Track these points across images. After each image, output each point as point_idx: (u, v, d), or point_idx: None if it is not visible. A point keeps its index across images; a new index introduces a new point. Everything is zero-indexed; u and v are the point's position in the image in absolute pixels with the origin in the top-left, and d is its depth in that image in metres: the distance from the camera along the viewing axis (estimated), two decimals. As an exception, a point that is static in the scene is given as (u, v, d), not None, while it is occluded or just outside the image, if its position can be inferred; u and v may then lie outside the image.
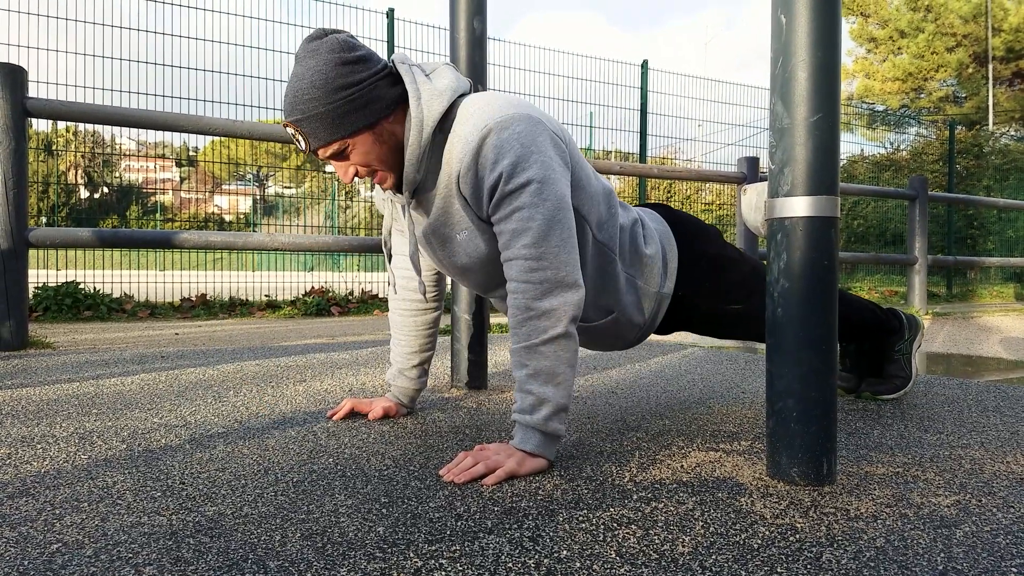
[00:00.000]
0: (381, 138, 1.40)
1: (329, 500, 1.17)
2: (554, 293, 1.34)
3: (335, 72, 1.33)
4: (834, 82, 1.23)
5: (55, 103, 3.30)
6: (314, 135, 1.36)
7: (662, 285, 1.66)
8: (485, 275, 1.55)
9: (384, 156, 1.42)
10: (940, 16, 19.40)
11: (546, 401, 1.33)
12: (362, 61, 1.36)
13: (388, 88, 1.38)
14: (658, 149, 9.42)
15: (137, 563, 0.92)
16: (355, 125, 1.36)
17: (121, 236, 3.56)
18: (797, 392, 1.24)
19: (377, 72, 1.37)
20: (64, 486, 1.24)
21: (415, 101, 1.37)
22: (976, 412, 1.95)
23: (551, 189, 1.35)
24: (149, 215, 12.25)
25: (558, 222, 1.35)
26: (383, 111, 1.38)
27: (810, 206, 1.22)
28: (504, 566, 0.92)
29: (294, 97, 1.35)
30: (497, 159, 1.33)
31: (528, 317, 1.34)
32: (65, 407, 1.92)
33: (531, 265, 1.34)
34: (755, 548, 0.98)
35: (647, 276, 1.63)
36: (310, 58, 1.35)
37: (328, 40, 1.36)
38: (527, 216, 1.33)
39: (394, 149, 1.43)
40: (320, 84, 1.33)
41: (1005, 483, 1.29)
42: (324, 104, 1.33)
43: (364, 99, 1.35)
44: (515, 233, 1.35)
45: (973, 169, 12.85)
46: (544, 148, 1.36)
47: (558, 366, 1.34)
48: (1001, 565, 0.94)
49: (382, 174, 1.45)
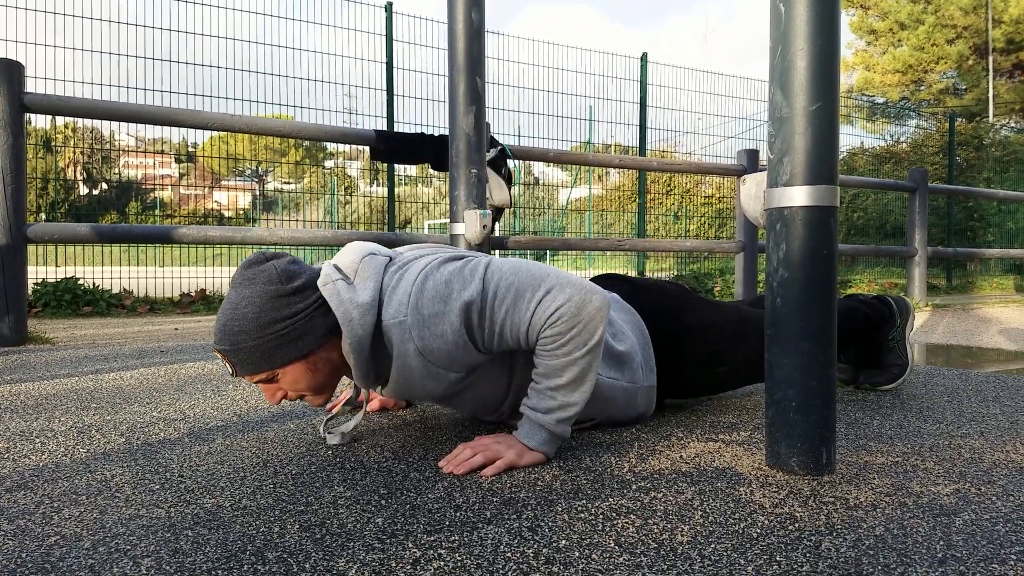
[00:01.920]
0: (314, 367, 1.35)
1: (328, 492, 1.17)
2: (588, 300, 1.30)
3: (269, 305, 1.28)
4: (833, 71, 1.23)
5: (53, 98, 3.30)
6: (241, 365, 1.31)
7: (646, 378, 1.60)
8: (469, 411, 1.56)
9: (314, 382, 1.37)
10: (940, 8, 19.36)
11: (567, 406, 1.33)
12: (300, 292, 1.31)
13: (323, 317, 1.32)
14: (658, 143, 9.41)
15: (135, 555, 0.92)
16: (285, 358, 1.31)
17: (119, 231, 3.56)
18: (796, 382, 1.23)
19: (314, 303, 1.32)
20: (62, 479, 1.24)
21: (347, 326, 1.29)
22: (976, 402, 1.95)
23: (496, 263, 1.34)
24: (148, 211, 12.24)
25: (529, 265, 1.34)
26: (316, 342, 1.32)
27: (809, 195, 1.22)
28: (503, 556, 0.92)
29: (224, 326, 1.30)
30: (446, 303, 1.28)
31: (572, 336, 1.29)
32: (64, 402, 1.92)
33: (550, 299, 1.29)
34: (754, 537, 0.98)
35: (630, 373, 1.57)
36: (245, 287, 1.30)
37: (266, 269, 1.31)
38: (505, 288, 1.30)
39: (327, 373, 1.37)
40: (252, 317, 1.28)
41: (1004, 472, 1.29)
42: (254, 338, 1.28)
43: (297, 332, 1.30)
44: (512, 308, 1.29)
45: (973, 161, 12.83)
46: (464, 261, 1.36)
47: (588, 373, 1.33)
48: (1000, 553, 0.94)
49: (310, 398, 1.41)
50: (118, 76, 6.10)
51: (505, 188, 4.13)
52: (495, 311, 1.29)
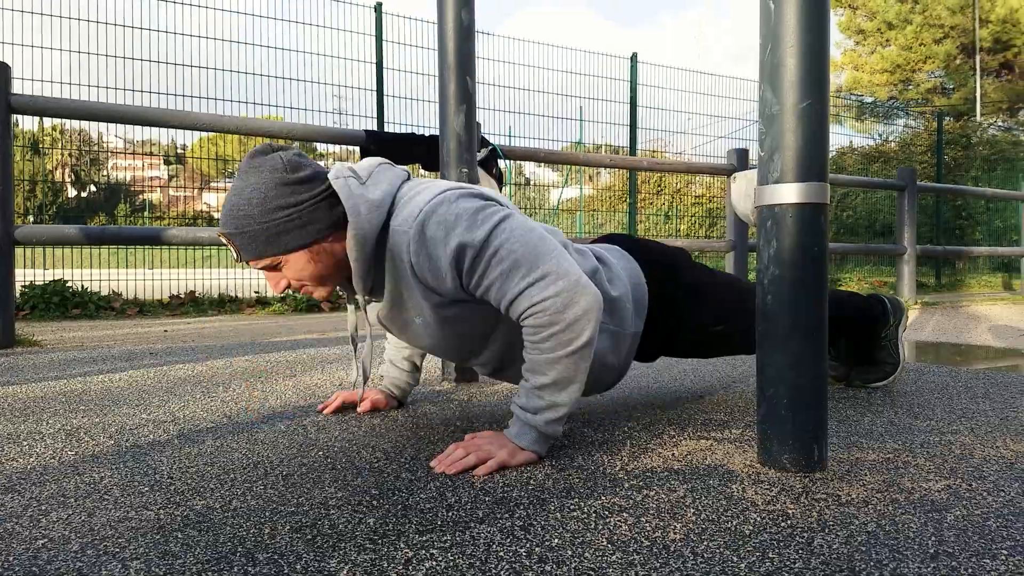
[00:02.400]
0: (316, 257, 1.37)
1: (319, 493, 1.16)
2: (575, 301, 1.28)
3: (275, 192, 1.31)
4: (823, 68, 1.23)
5: (40, 99, 3.27)
6: (245, 249, 1.34)
7: (633, 324, 1.60)
8: (453, 351, 1.53)
9: (317, 273, 1.39)
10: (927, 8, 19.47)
11: (555, 406, 1.32)
12: (306, 182, 1.33)
13: (328, 210, 1.35)
14: (648, 143, 9.43)
15: (124, 557, 0.91)
16: (289, 245, 1.33)
17: (108, 233, 3.54)
18: (788, 379, 1.24)
19: (319, 194, 1.34)
20: (50, 482, 1.23)
21: (354, 218, 1.33)
22: (966, 399, 1.96)
23: (512, 222, 1.32)
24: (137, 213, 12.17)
25: (539, 238, 1.32)
26: (320, 233, 1.35)
27: (800, 193, 1.22)
28: (495, 555, 0.91)
29: (230, 210, 1.32)
30: (448, 232, 1.30)
31: (553, 333, 1.28)
32: (52, 404, 1.90)
33: (540, 286, 1.28)
34: (747, 534, 0.98)
35: (619, 319, 1.57)
36: (252, 174, 1.32)
37: (272, 158, 1.33)
38: (506, 253, 1.29)
39: (330, 266, 1.40)
40: (258, 202, 1.31)
41: (995, 468, 1.30)
42: (259, 222, 1.31)
43: (302, 221, 1.33)
44: (504, 275, 1.29)
45: (961, 160, 12.91)
46: (485, 206, 1.34)
47: (576, 375, 1.32)
48: (992, 548, 0.94)
49: (311, 290, 1.43)
50: (106, 77, 6.07)
51: (496, 188, 4.13)
52: (488, 268, 1.30)
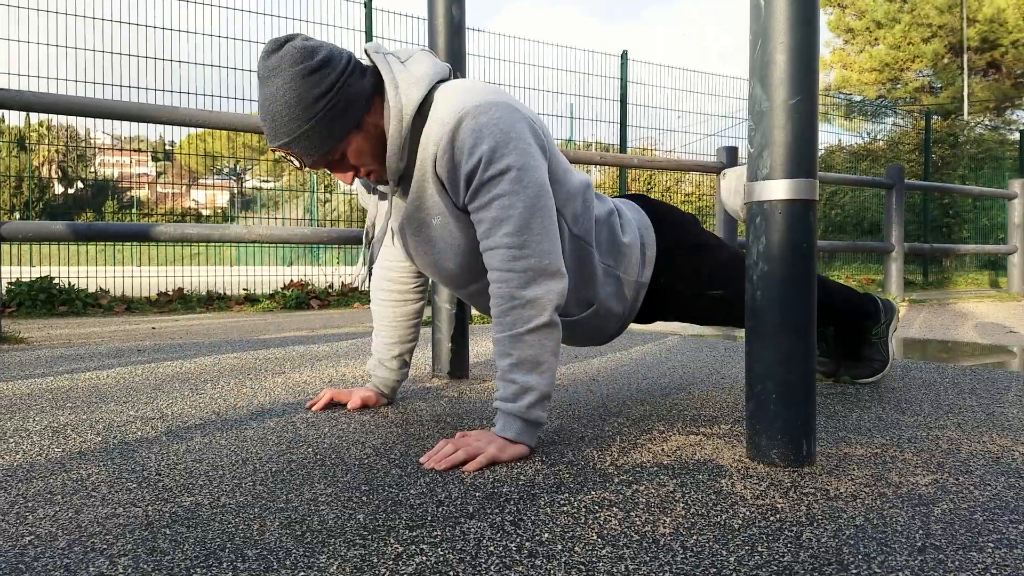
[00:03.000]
0: (369, 134, 1.37)
1: (308, 489, 1.16)
2: (538, 282, 1.32)
3: (305, 84, 1.28)
4: (812, 65, 1.23)
5: (26, 94, 3.25)
6: (307, 152, 1.33)
7: (640, 273, 1.64)
8: (458, 266, 1.51)
9: (376, 150, 1.39)
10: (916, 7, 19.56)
11: (529, 389, 1.32)
12: (328, 63, 1.31)
13: (359, 82, 1.34)
14: (638, 140, 9.44)
15: (112, 554, 0.91)
16: (344, 130, 1.33)
17: (95, 229, 3.51)
18: (776, 375, 1.24)
19: (345, 69, 1.33)
20: (37, 479, 1.22)
21: (392, 90, 1.34)
22: (952, 394, 1.97)
23: (531, 176, 1.33)
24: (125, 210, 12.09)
25: (539, 209, 1.34)
26: (362, 107, 1.35)
27: (789, 189, 1.22)
28: (485, 550, 0.91)
29: (274, 121, 1.30)
30: (476, 144, 1.31)
31: (512, 307, 1.32)
32: (39, 401, 1.89)
33: (513, 254, 1.32)
34: (736, 528, 0.98)
35: (625, 265, 1.61)
36: (275, 76, 1.30)
37: (287, 51, 1.30)
38: (507, 204, 1.31)
39: (382, 140, 1.40)
40: (295, 102, 1.28)
41: (981, 462, 1.31)
42: (306, 120, 1.29)
43: (343, 103, 1.32)
44: (495, 222, 1.33)
45: (948, 158, 12.99)
46: (523, 135, 1.34)
47: (542, 354, 1.33)
48: (978, 541, 0.94)
49: (376, 170, 1.43)
50: (94, 72, 6.02)
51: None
52: (487, 205, 1.33)
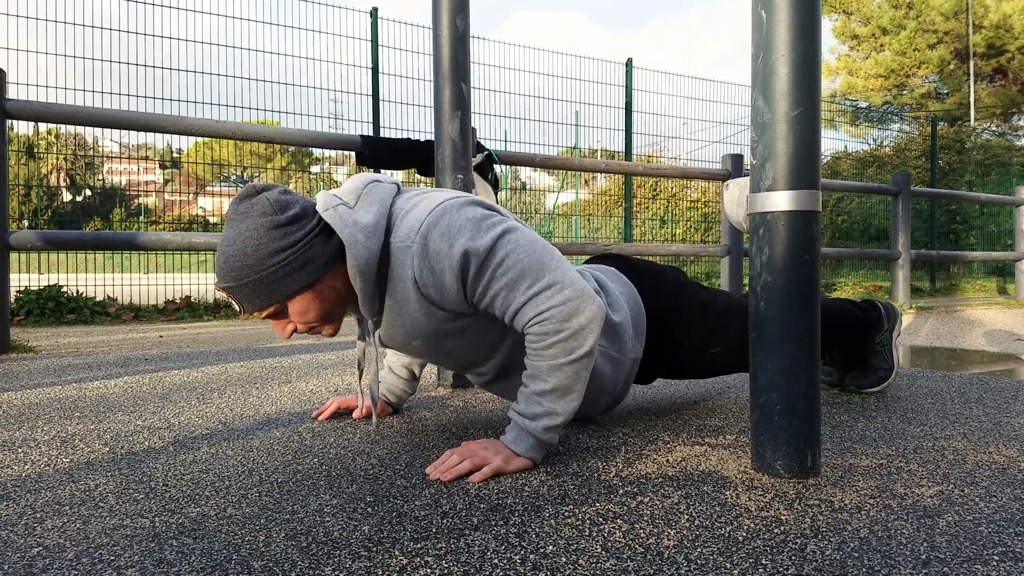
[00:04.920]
0: (320, 295, 1.34)
1: (314, 500, 1.17)
2: (580, 309, 1.29)
3: (267, 237, 1.27)
4: (814, 77, 1.24)
5: (35, 104, 3.27)
6: (247, 301, 1.30)
7: (635, 350, 1.61)
8: (455, 364, 1.52)
9: (323, 311, 1.36)
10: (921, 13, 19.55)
11: (554, 414, 1.32)
12: (296, 220, 1.29)
13: (324, 244, 1.32)
14: (644, 148, 9.46)
15: (119, 565, 0.91)
16: (290, 289, 1.30)
17: (104, 238, 3.54)
18: (780, 386, 1.24)
19: (312, 229, 1.31)
20: (45, 490, 1.23)
21: (352, 249, 1.29)
22: (959, 404, 1.97)
23: (517, 233, 1.32)
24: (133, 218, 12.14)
25: (544, 248, 1.32)
26: (319, 270, 1.31)
27: (791, 200, 1.23)
28: (490, 562, 0.92)
29: (226, 263, 1.28)
30: (452, 243, 1.28)
31: (557, 340, 1.28)
32: (47, 411, 1.90)
33: (546, 295, 1.28)
34: (740, 540, 0.99)
35: (619, 344, 1.57)
36: (241, 221, 1.28)
37: (259, 201, 1.29)
38: (511, 263, 1.29)
39: (335, 301, 1.37)
40: (252, 251, 1.26)
41: (987, 473, 1.30)
42: (256, 271, 1.27)
43: (299, 262, 1.29)
44: (510, 285, 1.29)
45: (955, 164, 12.96)
46: (488, 214, 1.33)
47: (576, 384, 1.32)
48: (983, 553, 0.94)
49: (320, 328, 1.40)
50: (102, 82, 6.07)
51: (492, 193, 4.13)
52: (494, 278, 1.29)
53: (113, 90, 6.11)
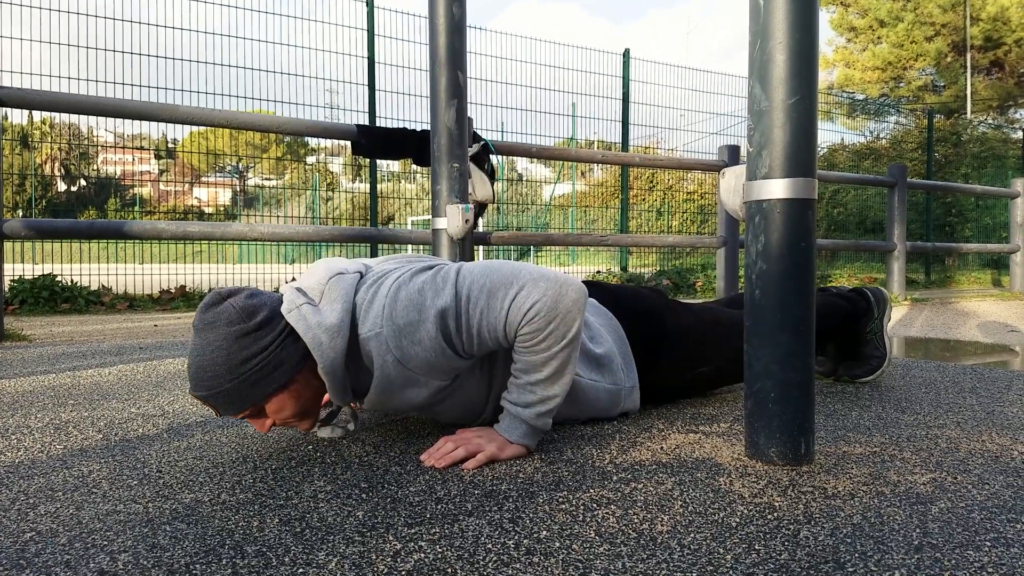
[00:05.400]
0: (296, 394, 1.32)
1: (308, 486, 1.17)
2: (564, 294, 1.28)
3: (236, 346, 1.25)
4: (812, 65, 1.23)
5: (28, 92, 3.25)
6: (223, 407, 1.28)
7: (627, 378, 1.61)
8: (454, 419, 1.51)
9: (299, 408, 1.34)
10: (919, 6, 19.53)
11: (546, 399, 1.33)
12: (264, 325, 1.27)
13: (294, 345, 1.29)
14: (641, 139, 9.44)
15: (112, 550, 0.91)
16: (265, 392, 1.28)
17: (96, 227, 3.52)
18: (775, 373, 1.24)
19: (280, 333, 1.28)
20: (38, 476, 1.23)
21: (318, 352, 1.26)
22: (953, 393, 1.97)
23: (466, 267, 1.33)
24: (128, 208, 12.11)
25: (498, 265, 1.32)
26: (292, 370, 1.29)
27: (787, 188, 1.22)
28: (484, 547, 0.92)
29: (197, 372, 1.26)
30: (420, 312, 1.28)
31: (551, 331, 1.28)
32: (41, 398, 1.90)
33: (523, 295, 1.27)
34: (733, 526, 0.99)
35: (610, 376, 1.58)
36: (208, 331, 1.26)
37: (225, 309, 1.27)
38: (478, 291, 1.28)
39: (310, 397, 1.35)
40: (222, 361, 1.24)
41: (980, 461, 1.31)
42: (228, 380, 1.25)
43: (271, 366, 1.27)
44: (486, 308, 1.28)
45: (951, 157, 12.97)
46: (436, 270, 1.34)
47: (567, 365, 1.33)
48: (975, 539, 0.95)
49: (299, 423, 1.38)
50: (96, 71, 6.03)
51: (488, 184, 4.12)
52: (471, 315, 1.28)
53: (107, 79, 6.08)
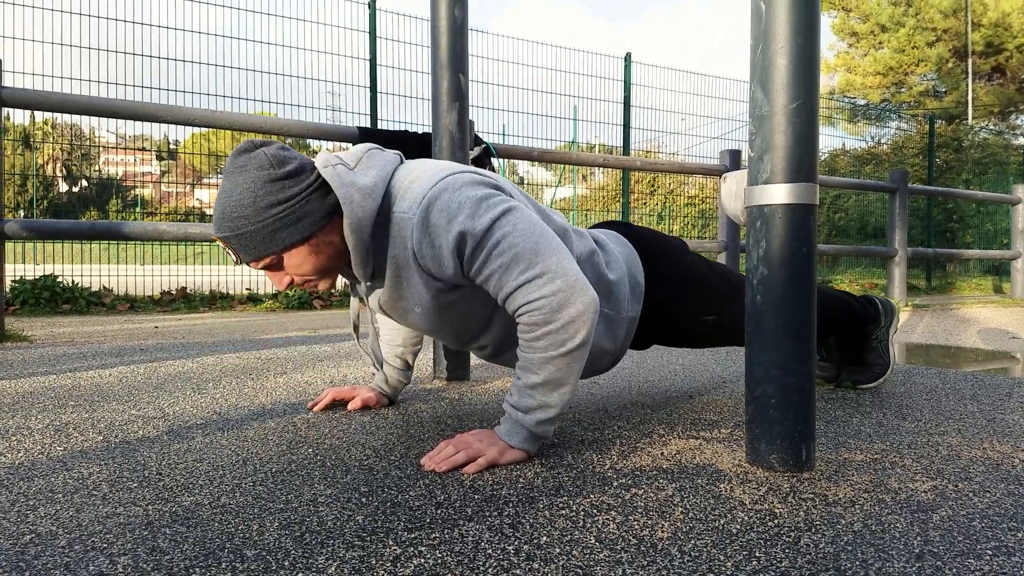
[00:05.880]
0: (316, 250, 1.35)
1: (308, 490, 1.16)
2: (571, 301, 1.28)
3: (264, 190, 1.28)
4: (813, 69, 1.23)
5: (31, 92, 3.26)
6: (243, 251, 1.32)
7: (630, 308, 1.61)
8: (452, 336, 1.52)
9: (319, 265, 1.37)
10: (920, 11, 19.53)
11: (547, 407, 1.32)
12: (294, 175, 1.31)
13: (321, 200, 1.33)
14: (642, 143, 9.44)
15: (112, 553, 0.91)
16: (286, 241, 1.31)
17: (97, 228, 3.53)
18: (776, 379, 1.24)
19: (309, 185, 1.32)
20: (38, 477, 1.23)
21: (348, 207, 1.30)
22: (954, 400, 1.97)
23: (516, 214, 1.31)
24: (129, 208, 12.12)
25: (540, 234, 1.31)
26: (316, 224, 1.33)
27: (789, 193, 1.22)
28: (484, 553, 0.92)
29: (222, 213, 1.30)
30: (450, 220, 1.29)
31: (547, 332, 1.28)
32: (41, 399, 1.90)
33: (537, 283, 1.27)
34: (734, 533, 0.98)
35: (614, 303, 1.57)
36: (238, 174, 1.30)
37: (257, 155, 1.30)
38: (507, 246, 1.28)
39: (331, 256, 1.38)
40: (249, 202, 1.28)
41: (981, 469, 1.31)
42: (253, 223, 1.29)
43: (295, 216, 1.30)
44: (504, 268, 1.29)
45: (953, 163, 12.97)
46: (490, 193, 1.33)
47: (568, 376, 1.31)
48: (976, 548, 0.94)
49: (315, 283, 1.41)
50: (99, 72, 6.04)
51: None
52: (489, 259, 1.29)
53: (110, 80, 6.09)
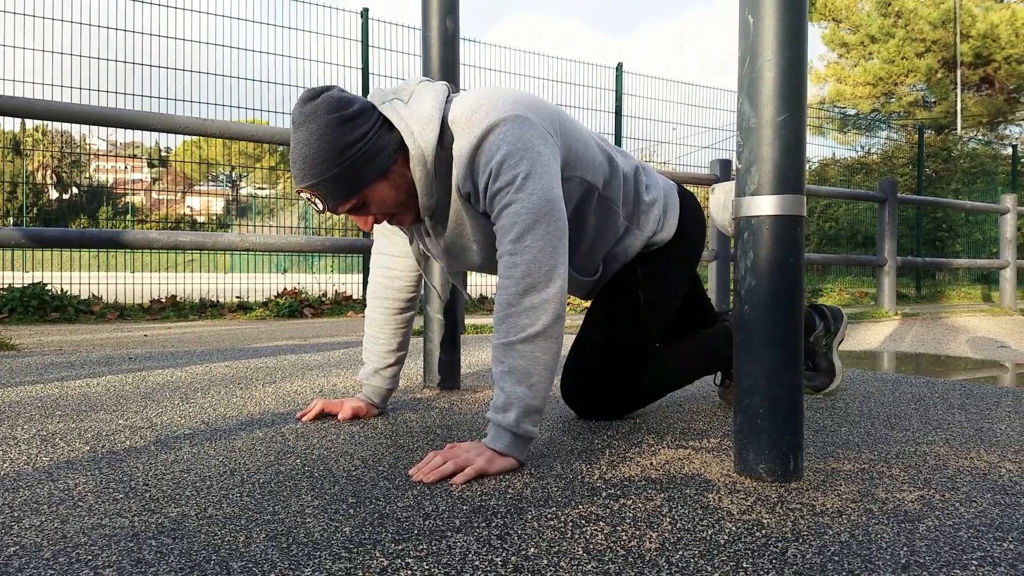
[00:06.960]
0: (395, 183, 1.42)
1: (295, 501, 1.16)
2: (535, 289, 1.34)
3: (340, 130, 1.34)
4: (801, 82, 1.24)
5: (20, 100, 3.24)
6: (331, 195, 1.38)
7: (653, 231, 1.72)
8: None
9: (401, 199, 1.44)
10: (910, 22, 19.69)
11: (516, 401, 1.32)
12: (360, 115, 1.37)
13: (388, 134, 1.39)
14: (634, 152, 9.46)
15: (96, 565, 0.90)
16: (369, 178, 1.38)
17: (88, 236, 3.51)
18: (763, 389, 1.25)
19: (376, 121, 1.38)
20: (23, 488, 1.22)
21: (410, 138, 1.38)
22: (942, 409, 1.98)
23: (537, 183, 1.36)
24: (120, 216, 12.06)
25: (545, 215, 1.36)
26: (390, 158, 1.39)
27: (776, 205, 1.23)
28: (471, 564, 0.91)
29: (304, 163, 1.35)
30: (489, 159, 1.37)
31: (509, 314, 1.35)
32: (27, 409, 1.88)
33: (513, 260, 1.35)
34: (721, 543, 0.99)
35: (643, 221, 1.70)
36: (310, 122, 1.35)
37: (323, 100, 1.35)
38: (513, 212, 1.36)
39: (408, 189, 1.44)
40: (327, 146, 1.33)
41: (968, 478, 1.31)
42: (336, 165, 1.34)
43: (372, 151, 1.36)
44: (502, 230, 1.37)
45: (942, 172, 13.06)
46: (532, 144, 1.38)
47: (534, 367, 1.33)
48: (962, 558, 0.95)
49: (400, 217, 1.49)
50: (89, 79, 6.03)
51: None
52: (498, 211, 1.38)
53: (101, 87, 6.07)
